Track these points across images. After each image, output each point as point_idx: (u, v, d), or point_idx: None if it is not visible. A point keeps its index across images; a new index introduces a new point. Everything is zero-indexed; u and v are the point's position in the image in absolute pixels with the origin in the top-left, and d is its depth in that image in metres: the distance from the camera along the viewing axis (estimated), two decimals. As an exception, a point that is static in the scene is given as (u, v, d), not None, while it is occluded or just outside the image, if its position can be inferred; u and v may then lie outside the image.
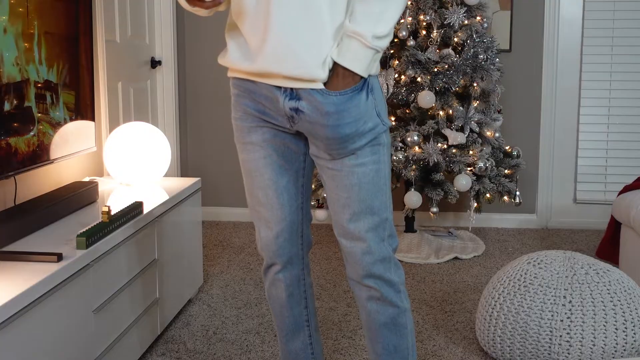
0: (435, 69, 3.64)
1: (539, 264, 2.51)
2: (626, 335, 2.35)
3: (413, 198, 3.64)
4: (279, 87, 1.70)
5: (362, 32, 1.63)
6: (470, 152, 3.64)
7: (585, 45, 4.31)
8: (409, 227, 4.02)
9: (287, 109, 1.71)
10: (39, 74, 2.32)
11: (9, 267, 1.89)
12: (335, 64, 1.65)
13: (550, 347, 2.36)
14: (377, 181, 1.76)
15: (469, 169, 3.63)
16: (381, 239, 1.79)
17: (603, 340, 2.33)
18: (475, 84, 3.69)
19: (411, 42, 3.65)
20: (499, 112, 3.82)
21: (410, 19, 3.68)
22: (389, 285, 1.82)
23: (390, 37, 1.69)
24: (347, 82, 1.66)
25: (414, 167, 3.61)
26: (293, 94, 1.69)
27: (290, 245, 1.91)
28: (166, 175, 4.06)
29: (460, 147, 3.65)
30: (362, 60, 1.65)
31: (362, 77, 1.67)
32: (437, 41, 3.67)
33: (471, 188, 3.64)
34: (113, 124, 3.43)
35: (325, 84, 1.66)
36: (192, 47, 4.45)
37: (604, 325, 2.34)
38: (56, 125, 2.46)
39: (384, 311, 1.84)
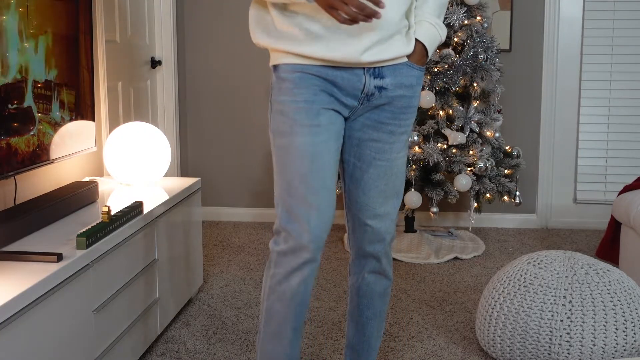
0: (435, 69, 3.64)
1: (539, 264, 2.51)
2: (626, 335, 2.35)
3: (413, 198, 3.64)
4: (362, 68, 1.78)
5: (440, 23, 1.88)
6: (470, 152, 3.64)
7: (585, 45, 4.31)
8: (409, 227, 4.02)
9: (372, 87, 1.81)
10: (39, 74, 2.32)
11: (9, 267, 1.89)
12: (417, 43, 1.85)
13: (550, 347, 2.36)
14: (404, 169, 1.97)
15: (469, 169, 3.63)
16: (396, 220, 2.00)
17: (603, 340, 2.33)
18: (475, 84, 3.69)
19: (411, 42, 3.65)
20: (499, 112, 3.82)
21: (410, 19, 3.68)
22: (389, 260, 2.03)
23: None
24: (424, 60, 1.87)
25: (414, 167, 3.61)
26: (376, 72, 1.80)
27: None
28: (166, 175, 4.07)
29: (460, 147, 3.65)
30: (434, 46, 1.89)
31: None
32: (437, 41, 3.67)
33: (471, 188, 3.64)
34: (113, 124, 3.43)
35: (408, 56, 1.84)
36: (192, 47, 4.45)
37: (604, 325, 2.34)
38: (56, 125, 2.46)
39: (380, 282, 2.04)
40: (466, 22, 3.68)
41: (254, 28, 1.85)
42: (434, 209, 3.65)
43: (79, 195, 2.53)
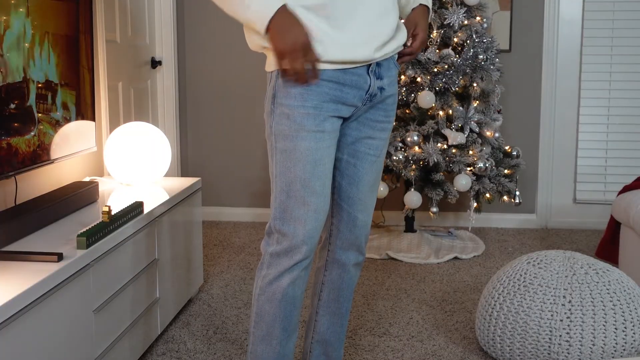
0: (435, 69, 3.64)
1: (538, 264, 2.51)
2: (626, 335, 2.36)
3: (413, 198, 3.64)
4: (366, 70, 1.85)
5: None
6: (470, 152, 3.64)
7: (585, 45, 4.31)
8: (409, 227, 4.02)
9: (376, 88, 1.89)
10: (40, 74, 2.32)
11: (9, 267, 1.90)
12: (424, 6, 2.01)
13: (550, 347, 2.37)
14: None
15: (468, 169, 3.63)
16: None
17: (603, 340, 2.34)
18: (475, 84, 3.69)
19: (411, 42, 3.65)
20: (498, 112, 3.82)
21: (410, 19, 3.68)
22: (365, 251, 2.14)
23: None
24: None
25: (414, 167, 3.61)
26: (377, 73, 1.89)
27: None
28: (166, 175, 4.07)
29: (460, 147, 3.65)
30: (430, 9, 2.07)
31: None
32: (437, 41, 3.67)
33: (471, 188, 3.64)
34: (113, 124, 3.44)
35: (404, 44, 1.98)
36: (192, 47, 4.45)
37: (604, 325, 2.34)
38: (56, 125, 2.46)
39: (357, 274, 2.13)
40: (466, 22, 3.68)
41: (253, 32, 1.85)
42: (434, 209, 3.66)
43: (79, 195, 2.54)
